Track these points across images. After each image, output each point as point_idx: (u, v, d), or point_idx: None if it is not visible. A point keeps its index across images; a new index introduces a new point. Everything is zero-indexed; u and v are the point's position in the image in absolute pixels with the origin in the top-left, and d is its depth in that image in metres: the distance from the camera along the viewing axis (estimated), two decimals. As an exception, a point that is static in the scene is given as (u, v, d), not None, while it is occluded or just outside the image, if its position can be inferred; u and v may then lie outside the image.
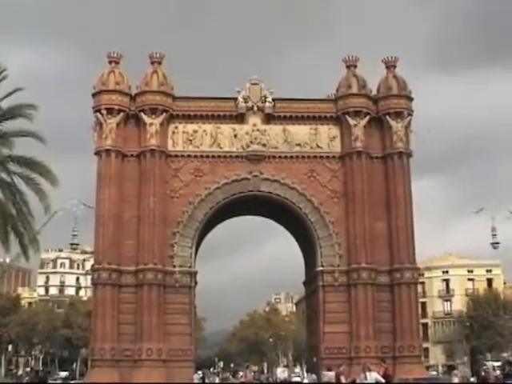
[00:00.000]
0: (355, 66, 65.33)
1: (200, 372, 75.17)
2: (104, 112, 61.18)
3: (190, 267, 61.17)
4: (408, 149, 63.52)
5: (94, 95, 62.63)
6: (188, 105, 63.57)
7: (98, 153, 61.39)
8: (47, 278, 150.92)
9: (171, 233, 60.79)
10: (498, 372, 44.84)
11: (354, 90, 64.02)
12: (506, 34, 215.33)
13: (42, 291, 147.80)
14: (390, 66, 65.79)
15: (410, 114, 64.30)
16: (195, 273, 62.02)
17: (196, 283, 62.48)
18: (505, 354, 42.05)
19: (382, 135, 64.27)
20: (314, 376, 62.43)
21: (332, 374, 31.70)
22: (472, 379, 37.43)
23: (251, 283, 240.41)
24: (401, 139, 62.99)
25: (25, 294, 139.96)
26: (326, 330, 60.72)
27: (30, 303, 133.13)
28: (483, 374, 29.48)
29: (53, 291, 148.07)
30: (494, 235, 59.90)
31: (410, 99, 65.18)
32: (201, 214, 61.64)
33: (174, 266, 60.32)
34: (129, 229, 60.49)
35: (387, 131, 63.62)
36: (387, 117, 63.45)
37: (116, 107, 61.55)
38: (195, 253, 62.78)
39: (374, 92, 65.29)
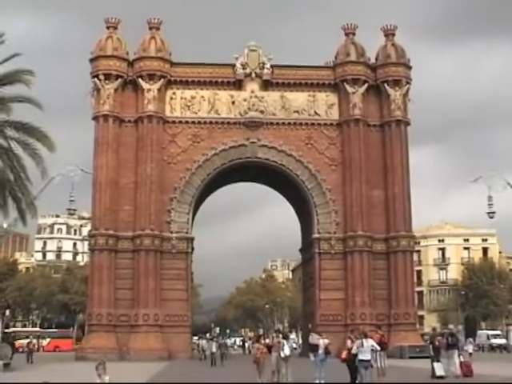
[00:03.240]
0: (354, 34, 65.27)
1: (196, 338, 75.18)
2: (102, 77, 61.14)
3: (186, 233, 61.37)
4: (406, 117, 63.67)
5: (91, 61, 62.52)
6: (186, 71, 63.36)
7: (95, 118, 61.43)
8: (44, 243, 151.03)
9: (168, 199, 60.89)
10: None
11: (353, 57, 63.92)
12: (509, 3, 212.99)
13: (39, 256, 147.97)
14: (389, 34, 65.72)
15: (408, 83, 64.28)
16: (192, 239, 62.25)
17: (193, 249, 62.82)
18: (451, 326, 43.09)
19: (379, 103, 64.29)
20: (292, 343, 62.84)
21: (320, 340, 32.07)
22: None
23: (248, 250, 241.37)
24: (399, 107, 63.08)
25: (22, 259, 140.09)
26: (321, 297, 61.11)
27: (27, 268, 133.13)
28: (437, 343, 31.91)
29: (50, 256, 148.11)
30: (490, 205, 59.70)
31: (409, 67, 65.12)
32: (198, 180, 61.73)
33: (171, 232, 60.52)
34: (126, 194, 60.66)
35: (385, 99, 63.68)
36: (385, 85, 63.47)
37: (114, 73, 61.46)
38: (192, 219, 62.96)
39: (373, 60, 65.16)
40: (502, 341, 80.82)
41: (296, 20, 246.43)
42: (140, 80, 61.62)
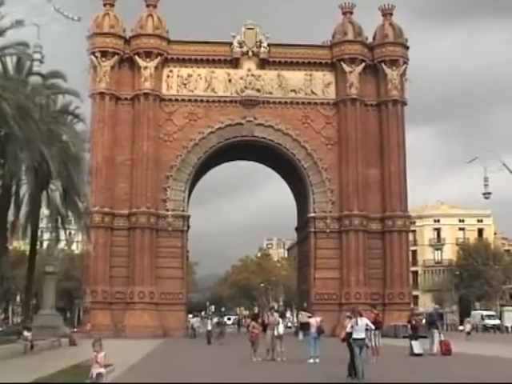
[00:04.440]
0: (351, 13, 65.48)
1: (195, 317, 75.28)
2: (98, 55, 61.47)
3: (182, 211, 61.93)
4: (403, 97, 64.13)
5: (88, 38, 62.64)
6: (183, 48, 63.68)
7: (91, 96, 61.57)
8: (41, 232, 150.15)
9: (164, 176, 61.36)
10: (423, 321, 48.67)
11: (350, 36, 64.28)
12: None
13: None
14: (387, 13, 66.01)
15: (405, 62, 64.71)
16: (188, 217, 62.83)
17: (189, 227, 63.14)
18: (437, 306, 44.79)
19: (377, 83, 64.75)
20: (287, 322, 63.04)
21: (312, 319, 32.55)
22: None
23: (244, 228, 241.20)
24: (396, 87, 63.55)
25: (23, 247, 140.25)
26: (316, 276, 61.61)
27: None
28: (414, 322, 33.29)
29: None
30: (485, 185, 59.86)
31: (406, 47, 65.59)
32: (194, 159, 62.16)
33: (167, 210, 61.08)
34: (122, 172, 61.17)
35: (382, 79, 64.09)
36: (382, 64, 63.83)
37: (110, 50, 61.81)
38: (188, 197, 63.36)
39: (370, 40, 65.45)
40: (496, 321, 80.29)
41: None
42: (137, 57, 61.90)
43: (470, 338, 50.79)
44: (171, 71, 63.55)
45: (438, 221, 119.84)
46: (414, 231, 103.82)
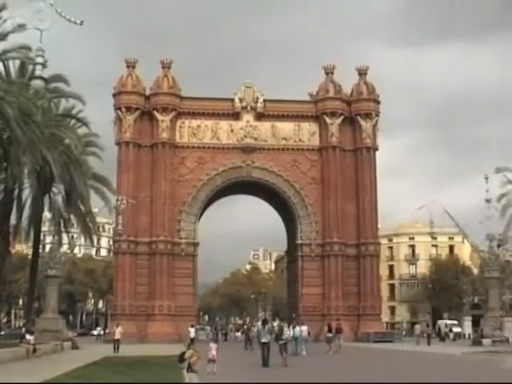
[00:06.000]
0: (332, 73, 76.52)
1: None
2: (123, 110, 72.33)
3: (193, 239, 72.98)
4: (374, 144, 75.02)
5: (114, 95, 73.66)
6: (192, 104, 74.46)
7: (118, 143, 72.56)
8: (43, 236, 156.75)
9: (178, 211, 72.26)
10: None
11: (331, 94, 75.53)
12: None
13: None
14: (362, 73, 77.07)
15: (377, 115, 75.53)
16: (197, 244, 73.60)
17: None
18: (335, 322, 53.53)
19: (353, 132, 75.67)
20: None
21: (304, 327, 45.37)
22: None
23: (229, 237, 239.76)
24: (369, 136, 74.44)
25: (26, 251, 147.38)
26: (303, 292, 72.47)
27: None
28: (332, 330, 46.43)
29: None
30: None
31: (378, 102, 76.31)
32: (203, 195, 73.47)
33: (181, 238, 72.05)
34: (143, 207, 71.50)
35: (358, 129, 75.07)
36: (358, 117, 74.80)
37: (133, 106, 72.72)
38: (198, 220, 74.49)
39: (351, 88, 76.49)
40: (458, 329, 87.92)
41: (284, 58, 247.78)
42: (155, 112, 72.84)
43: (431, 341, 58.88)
44: (183, 123, 74.15)
45: (413, 238, 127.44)
46: (391, 248, 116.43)
